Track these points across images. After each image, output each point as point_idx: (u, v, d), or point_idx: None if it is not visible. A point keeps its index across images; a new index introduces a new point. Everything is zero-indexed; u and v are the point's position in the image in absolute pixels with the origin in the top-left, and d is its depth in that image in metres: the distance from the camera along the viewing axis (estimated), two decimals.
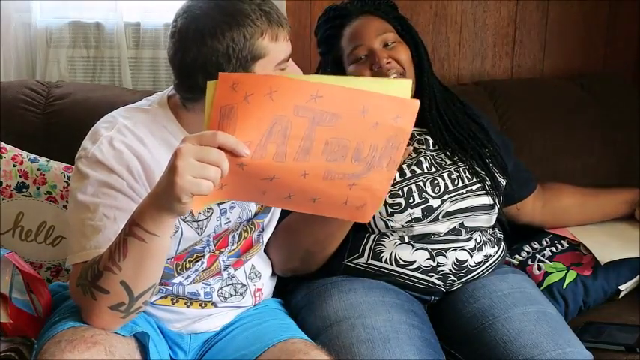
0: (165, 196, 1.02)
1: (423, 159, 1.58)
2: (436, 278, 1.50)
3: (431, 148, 1.61)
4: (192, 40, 1.21)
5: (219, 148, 0.99)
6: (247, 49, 1.20)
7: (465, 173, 1.57)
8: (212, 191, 1.02)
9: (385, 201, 1.50)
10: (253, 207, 1.42)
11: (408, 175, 1.54)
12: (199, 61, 1.21)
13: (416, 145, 1.60)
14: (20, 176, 1.69)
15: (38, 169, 1.71)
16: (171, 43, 1.25)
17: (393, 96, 1.05)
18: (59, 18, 2.11)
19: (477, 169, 1.58)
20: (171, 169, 0.99)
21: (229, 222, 1.38)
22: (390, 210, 1.49)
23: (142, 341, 1.24)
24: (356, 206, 1.10)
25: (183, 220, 1.32)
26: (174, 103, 1.33)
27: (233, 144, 0.99)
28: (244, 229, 1.42)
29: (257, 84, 1.01)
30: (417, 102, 1.05)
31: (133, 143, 1.27)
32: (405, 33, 1.60)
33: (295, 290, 1.56)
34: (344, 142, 1.04)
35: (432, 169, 1.57)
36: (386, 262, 1.49)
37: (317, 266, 1.51)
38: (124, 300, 1.13)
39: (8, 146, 1.73)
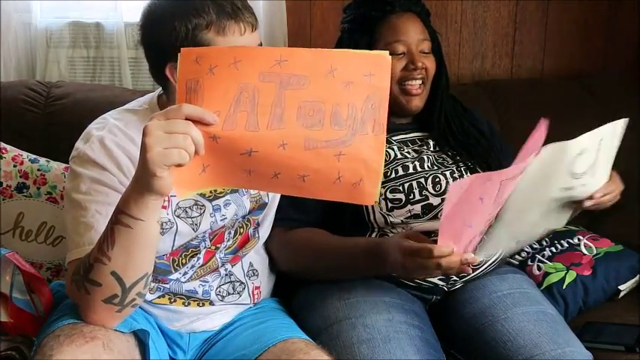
0: (142, 176, 1.02)
1: (425, 157, 1.58)
2: (437, 278, 1.50)
3: (431, 149, 1.62)
4: (145, 27, 1.27)
5: (187, 119, 0.99)
6: (189, 39, 1.20)
7: (467, 173, 1.58)
8: (194, 173, 1.02)
9: (385, 196, 1.50)
10: (248, 203, 1.42)
11: (410, 171, 1.55)
12: (150, 47, 1.26)
13: (416, 147, 1.61)
14: (20, 176, 1.69)
15: (38, 169, 1.71)
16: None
17: (361, 52, 1.03)
18: (59, 18, 2.12)
19: (479, 169, 1.59)
20: (142, 148, 1.00)
21: (225, 218, 1.38)
22: (390, 205, 1.50)
23: (141, 339, 1.24)
24: (352, 183, 1.04)
25: (178, 216, 1.32)
26: (164, 102, 1.34)
27: (200, 113, 0.99)
28: (240, 225, 1.43)
29: (221, 56, 1.01)
30: (387, 54, 1.02)
31: (123, 142, 1.27)
32: (434, 47, 1.62)
33: (295, 290, 1.56)
34: (318, 106, 1.01)
35: (433, 167, 1.57)
36: None
37: (317, 279, 1.52)
38: (116, 292, 1.12)
39: (8, 146, 1.73)
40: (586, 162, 1.24)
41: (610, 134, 1.27)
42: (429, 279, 1.49)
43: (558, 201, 1.31)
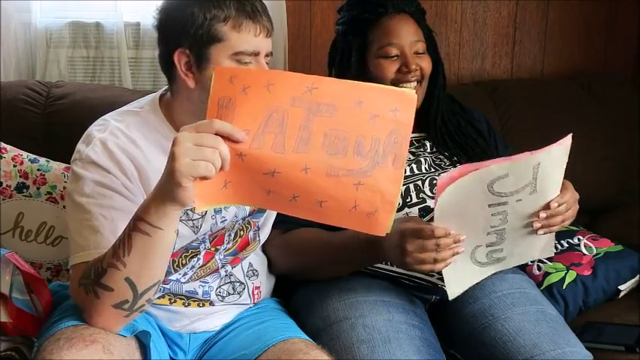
0: (167, 185, 1.04)
1: (422, 159, 1.58)
2: (437, 278, 1.50)
3: (428, 150, 1.61)
4: (164, 10, 1.27)
5: (216, 134, 1.02)
6: (205, 28, 1.22)
7: (463, 165, 1.57)
8: (216, 187, 1.04)
9: None
10: (248, 206, 1.42)
11: (407, 173, 1.55)
12: (164, 29, 1.27)
13: (413, 149, 1.60)
14: (20, 176, 1.69)
15: (38, 169, 1.71)
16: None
17: (389, 88, 1.07)
18: (59, 18, 2.12)
19: None
20: (170, 157, 1.02)
21: (225, 220, 1.38)
22: None
23: (142, 341, 1.24)
24: (367, 212, 1.07)
25: (179, 219, 1.32)
26: (166, 103, 1.34)
27: (229, 129, 1.02)
28: (240, 227, 1.43)
29: (255, 78, 1.05)
30: (414, 93, 1.06)
31: (125, 145, 1.27)
32: (430, 46, 1.61)
33: (295, 290, 1.56)
34: (343, 134, 1.04)
35: (430, 169, 1.57)
36: (386, 263, 1.49)
37: (317, 279, 1.52)
38: (127, 297, 1.13)
39: (8, 146, 1.73)
40: (514, 183, 1.25)
41: (547, 157, 1.27)
42: (426, 277, 1.49)
43: (503, 221, 1.31)
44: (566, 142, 1.29)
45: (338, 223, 1.09)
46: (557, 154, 1.29)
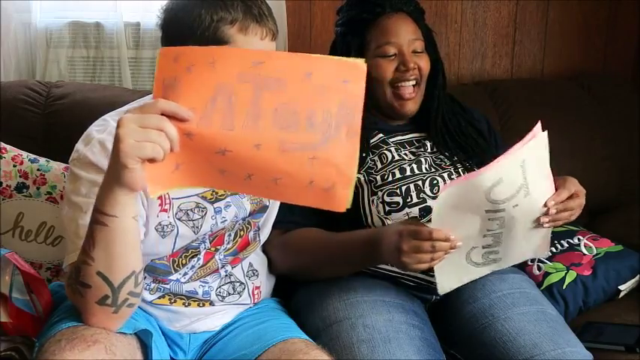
0: (114, 168, 1.02)
1: (423, 159, 1.58)
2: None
3: (429, 150, 1.61)
4: (170, 10, 1.26)
5: (162, 114, 0.99)
6: (211, 30, 1.20)
7: (465, 174, 1.57)
8: (167, 171, 1.02)
9: (383, 199, 1.50)
10: (248, 206, 1.42)
11: (407, 173, 1.54)
12: (170, 30, 1.25)
13: (413, 149, 1.60)
14: (20, 176, 1.69)
15: (38, 169, 1.71)
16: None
17: (337, 58, 1.04)
18: (59, 18, 2.12)
19: (476, 170, 1.59)
20: (115, 139, 1.00)
21: (225, 220, 1.38)
22: (387, 208, 1.50)
23: (143, 340, 1.24)
24: (324, 188, 1.03)
25: (179, 219, 1.32)
26: None
27: (174, 108, 0.99)
28: (240, 228, 1.43)
29: (199, 55, 1.02)
30: (363, 62, 1.02)
31: None
32: (429, 45, 1.61)
33: (295, 290, 1.56)
34: (293, 108, 1.01)
35: (431, 169, 1.57)
36: (386, 263, 1.49)
37: (317, 279, 1.52)
38: (106, 292, 1.12)
39: (8, 146, 1.73)
40: (508, 188, 1.26)
41: (530, 152, 1.27)
42: (427, 277, 1.49)
43: (501, 226, 1.32)
44: (538, 131, 1.29)
45: (295, 200, 1.06)
46: (535, 147, 1.29)
